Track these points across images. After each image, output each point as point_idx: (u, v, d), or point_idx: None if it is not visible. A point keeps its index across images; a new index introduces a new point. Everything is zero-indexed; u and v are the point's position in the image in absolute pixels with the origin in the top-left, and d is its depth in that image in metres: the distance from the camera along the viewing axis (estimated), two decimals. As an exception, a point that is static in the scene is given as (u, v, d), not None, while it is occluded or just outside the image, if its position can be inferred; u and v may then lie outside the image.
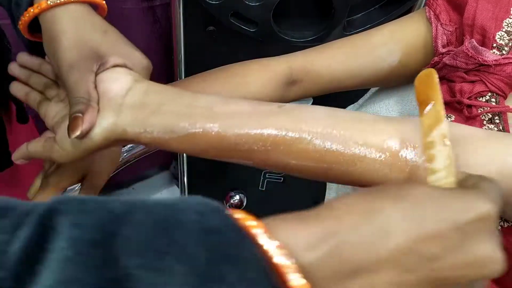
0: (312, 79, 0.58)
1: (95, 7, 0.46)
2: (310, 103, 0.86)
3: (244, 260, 0.22)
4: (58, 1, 0.41)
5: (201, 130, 0.38)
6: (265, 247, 0.23)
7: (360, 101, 0.73)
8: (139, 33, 1.07)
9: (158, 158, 1.46)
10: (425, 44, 0.56)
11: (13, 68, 0.50)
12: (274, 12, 0.81)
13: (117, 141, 0.41)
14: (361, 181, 0.39)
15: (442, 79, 0.55)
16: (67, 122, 0.40)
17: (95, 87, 0.41)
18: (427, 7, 0.56)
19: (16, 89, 0.50)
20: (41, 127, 0.60)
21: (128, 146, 0.66)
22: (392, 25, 0.59)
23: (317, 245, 0.25)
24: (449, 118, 0.50)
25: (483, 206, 0.27)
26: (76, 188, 0.55)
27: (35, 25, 0.44)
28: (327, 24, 0.86)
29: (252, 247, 0.23)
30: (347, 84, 0.59)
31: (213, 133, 0.38)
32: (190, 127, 0.38)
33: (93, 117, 0.39)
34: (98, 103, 0.40)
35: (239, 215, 0.24)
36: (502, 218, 0.43)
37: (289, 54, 0.60)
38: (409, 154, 0.38)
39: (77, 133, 0.38)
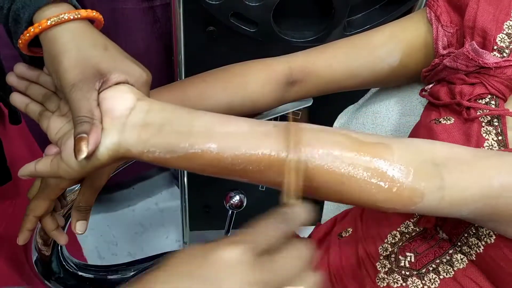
0: (313, 79, 0.58)
1: (92, 21, 0.45)
2: (310, 103, 0.86)
3: None
4: (58, 20, 0.41)
5: (200, 150, 0.39)
6: None
7: (360, 101, 0.73)
8: (139, 33, 1.07)
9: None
10: (425, 44, 0.56)
11: (11, 79, 0.50)
12: (274, 12, 0.81)
13: (121, 158, 0.41)
14: (349, 200, 0.40)
15: (442, 80, 0.55)
16: (71, 140, 0.40)
17: (98, 104, 0.41)
18: (427, 8, 0.55)
19: (16, 100, 0.50)
20: (34, 128, 0.60)
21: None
22: (393, 25, 0.58)
23: None
24: (448, 121, 0.51)
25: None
26: (76, 188, 0.55)
27: (33, 40, 0.43)
28: (327, 24, 0.86)
29: None
30: (348, 84, 0.59)
31: (211, 153, 0.39)
32: (189, 147, 0.39)
33: (97, 137, 0.39)
34: (101, 122, 0.40)
35: None
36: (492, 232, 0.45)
37: (289, 54, 0.60)
38: (396, 173, 0.38)
39: (83, 155, 0.38)
